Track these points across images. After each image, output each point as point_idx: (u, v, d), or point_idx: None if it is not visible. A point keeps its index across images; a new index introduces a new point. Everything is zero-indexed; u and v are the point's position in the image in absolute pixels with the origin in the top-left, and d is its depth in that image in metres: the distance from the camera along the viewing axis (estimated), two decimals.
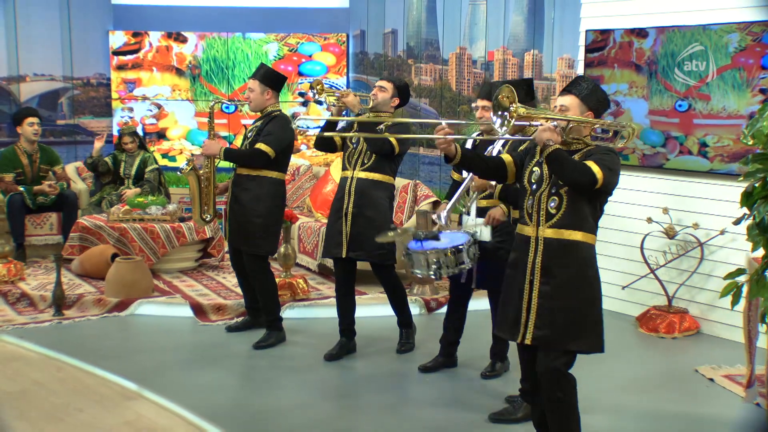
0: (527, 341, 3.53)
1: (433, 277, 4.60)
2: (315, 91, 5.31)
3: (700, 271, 6.03)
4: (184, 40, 10.10)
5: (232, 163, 5.64)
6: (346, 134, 5.25)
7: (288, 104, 10.00)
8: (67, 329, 5.95)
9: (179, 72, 10.13)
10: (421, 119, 5.46)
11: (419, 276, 4.78)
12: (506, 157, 3.74)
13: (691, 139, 5.98)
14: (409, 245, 4.69)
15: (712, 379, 5.08)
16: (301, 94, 9.95)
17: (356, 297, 6.53)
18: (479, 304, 5.45)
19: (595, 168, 3.38)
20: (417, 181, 7.70)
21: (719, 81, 5.77)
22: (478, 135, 4.98)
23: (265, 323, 5.70)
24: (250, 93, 5.53)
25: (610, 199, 3.67)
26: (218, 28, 10.04)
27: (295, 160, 8.70)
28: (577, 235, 3.47)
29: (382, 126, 5.07)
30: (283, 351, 5.59)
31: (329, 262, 7.23)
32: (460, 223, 5.03)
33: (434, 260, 4.51)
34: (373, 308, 6.43)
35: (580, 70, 6.73)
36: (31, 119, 7.85)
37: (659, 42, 6.09)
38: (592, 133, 3.54)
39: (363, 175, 5.23)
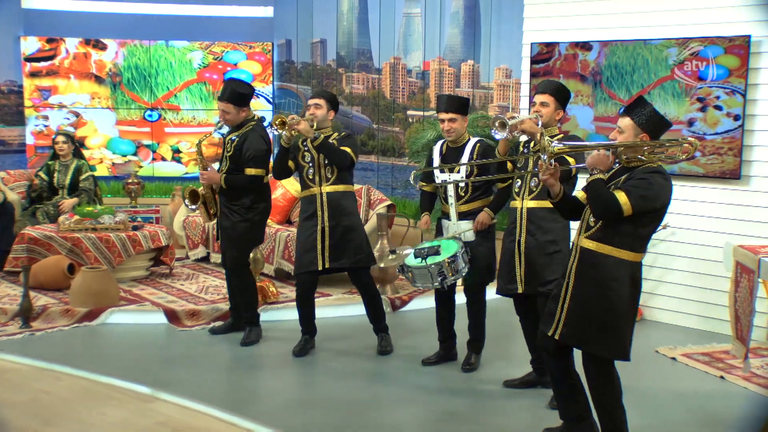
0: (556, 336, 3.92)
1: (438, 287, 5.01)
2: (276, 127, 5.45)
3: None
4: (104, 47, 9.96)
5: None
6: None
7: (214, 112, 10.07)
8: (41, 340, 5.87)
9: (99, 79, 9.98)
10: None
11: (421, 288, 5.22)
12: (581, 195, 4.05)
13: None
14: (407, 262, 5.07)
15: (674, 358, 5.69)
16: None
17: (321, 298, 6.94)
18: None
19: (623, 199, 3.67)
20: (369, 186, 8.04)
21: (660, 90, 6.44)
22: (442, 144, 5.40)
23: (246, 321, 5.99)
24: (225, 115, 5.79)
25: None
26: (139, 36, 9.97)
27: None
28: (606, 249, 3.79)
29: (333, 140, 5.52)
30: (277, 350, 5.79)
31: (286, 266, 7.44)
32: (439, 229, 5.39)
33: (438, 272, 4.92)
34: (340, 309, 6.74)
35: (524, 80, 7.27)
36: None
37: (603, 54, 6.72)
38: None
39: (331, 189, 5.57)
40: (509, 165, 4.94)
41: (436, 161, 5.38)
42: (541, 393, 4.93)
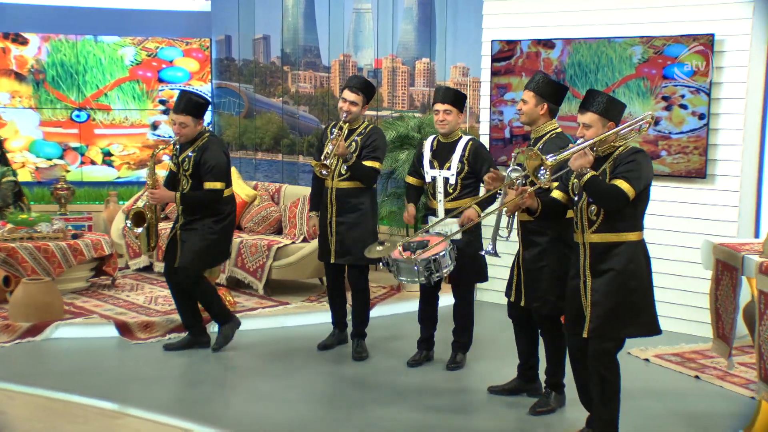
0: (584, 335, 4.14)
1: (424, 282, 5.16)
2: (326, 173, 5.64)
3: None
4: (25, 42, 9.79)
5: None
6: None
7: (148, 112, 10.01)
8: None
9: (19, 77, 9.80)
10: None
11: (406, 282, 5.37)
12: (558, 194, 4.35)
13: None
14: (393, 256, 5.21)
15: (647, 360, 5.97)
16: (162, 102, 9.99)
17: (281, 307, 6.99)
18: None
19: (625, 186, 3.98)
20: None
21: (624, 89, 6.74)
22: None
23: (222, 321, 6.05)
24: (182, 128, 5.73)
25: None
26: (65, 30, 9.83)
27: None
28: (617, 236, 4.07)
29: (351, 154, 5.64)
30: (241, 359, 5.85)
31: (239, 274, 7.47)
32: (425, 223, 5.57)
33: (424, 266, 5.09)
34: (301, 317, 6.82)
35: (483, 78, 7.50)
36: None
37: (566, 53, 6.99)
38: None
39: (342, 185, 5.73)
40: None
41: (427, 156, 5.55)
42: (526, 399, 5.09)
